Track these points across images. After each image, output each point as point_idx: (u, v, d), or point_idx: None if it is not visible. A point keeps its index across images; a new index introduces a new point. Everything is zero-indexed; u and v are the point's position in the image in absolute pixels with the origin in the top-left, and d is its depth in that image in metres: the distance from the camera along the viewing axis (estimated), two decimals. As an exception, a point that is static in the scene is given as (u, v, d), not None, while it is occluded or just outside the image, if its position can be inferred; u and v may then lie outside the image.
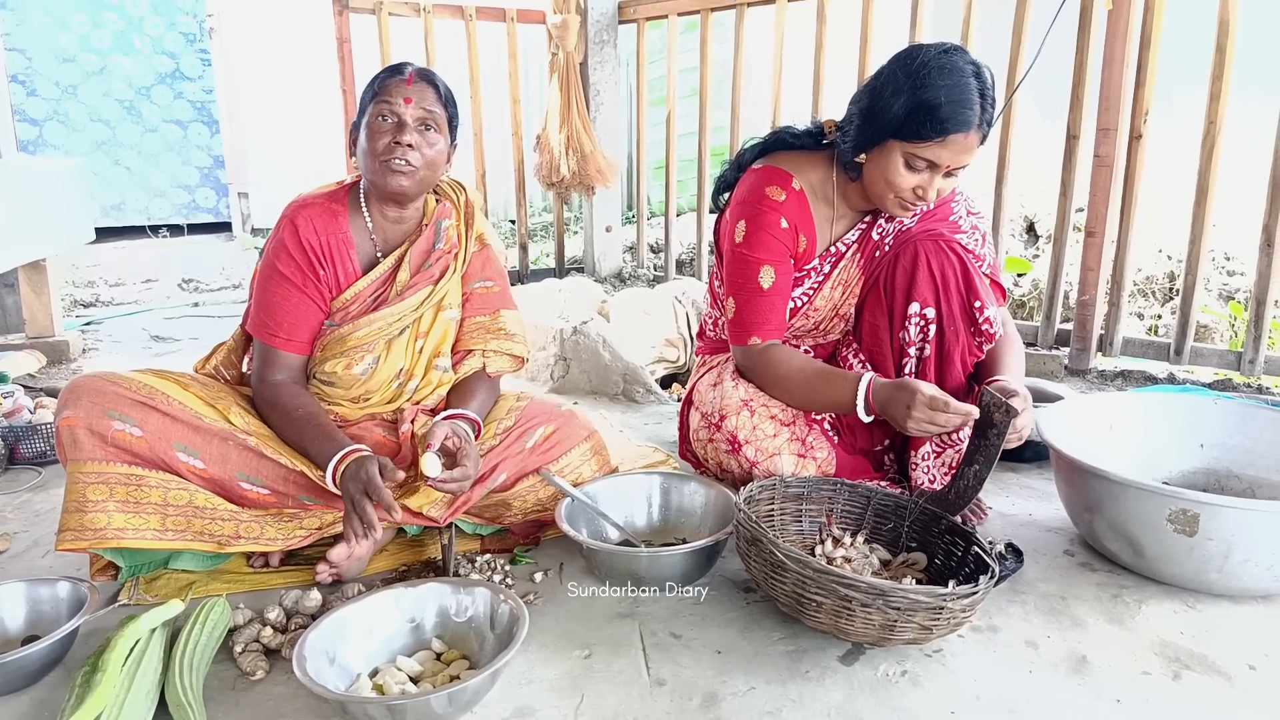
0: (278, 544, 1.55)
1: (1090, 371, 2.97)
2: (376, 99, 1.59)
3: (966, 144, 1.55)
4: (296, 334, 1.67)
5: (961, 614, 1.28)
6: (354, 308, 1.68)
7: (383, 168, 1.60)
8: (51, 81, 7.00)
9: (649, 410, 2.72)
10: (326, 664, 1.25)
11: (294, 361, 1.69)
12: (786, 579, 1.33)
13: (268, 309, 1.67)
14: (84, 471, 1.47)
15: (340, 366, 1.67)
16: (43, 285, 3.33)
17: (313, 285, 1.66)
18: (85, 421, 1.48)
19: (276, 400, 1.63)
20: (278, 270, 1.66)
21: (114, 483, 1.47)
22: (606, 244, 4.66)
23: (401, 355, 1.71)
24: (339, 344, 1.67)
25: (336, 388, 1.70)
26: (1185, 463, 1.87)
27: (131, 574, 1.57)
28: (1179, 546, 1.47)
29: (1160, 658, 1.36)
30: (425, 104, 1.60)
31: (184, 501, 1.50)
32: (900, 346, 1.76)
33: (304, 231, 1.65)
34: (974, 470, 1.56)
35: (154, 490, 1.49)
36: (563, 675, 1.32)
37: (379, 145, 1.59)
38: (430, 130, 1.62)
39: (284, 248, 1.65)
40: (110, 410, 1.49)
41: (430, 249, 1.74)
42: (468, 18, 4.17)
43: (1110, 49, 2.77)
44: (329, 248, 1.66)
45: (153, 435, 1.50)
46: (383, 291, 1.70)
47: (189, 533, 1.50)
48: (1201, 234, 2.72)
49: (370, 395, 1.73)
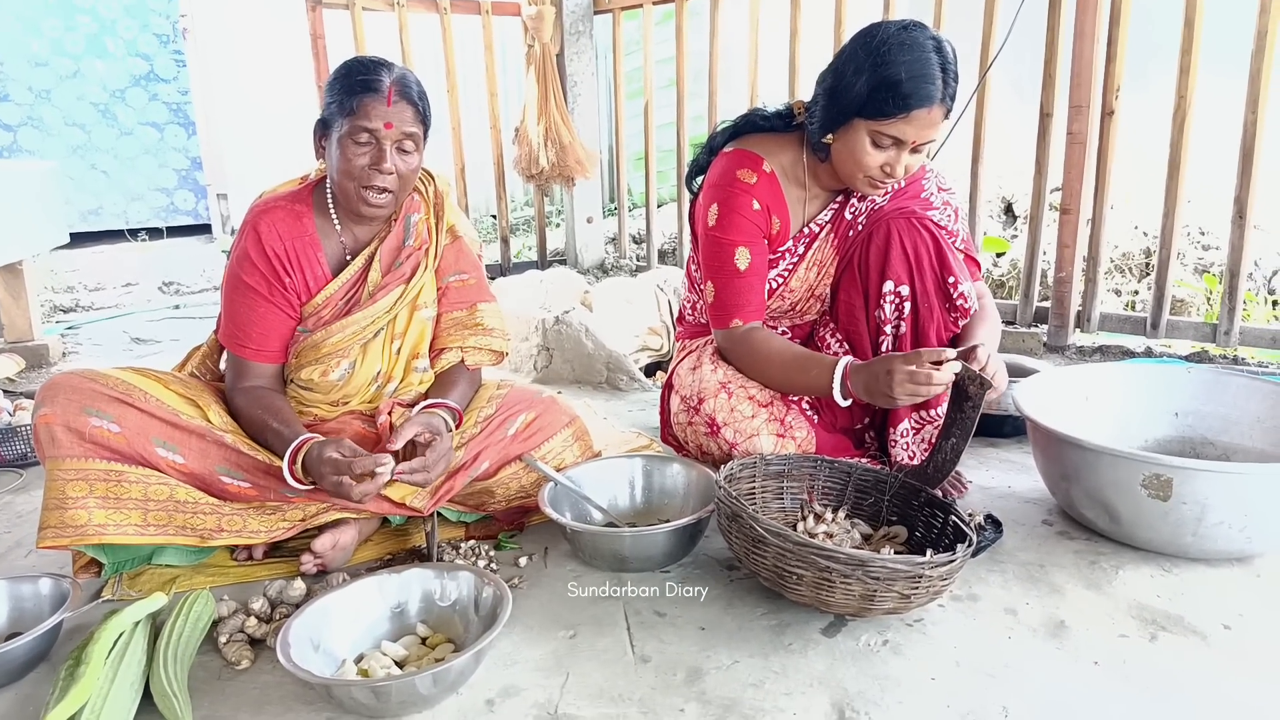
0: (261, 536, 1.54)
1: (1069, 348, 3.00)
2: (353, 117, 1.52)
3: (930, 119, 1.56)
4: (267, 344, 1.65)
5: (940, 582, 1.29)
6: (326, 312, 1.66)
7: (359, 193, 1.57)
8: (24, 86, 6.92)
9: (633, 398, 2.73)
10: (311, 651, 1.25)
11: (266, 370, 1.67)
12: (767, 553, 1.34)
13: (235, 320, 1.64)
14: (63, 469, 1.46)
15: (316, 374, 1.66)
16: (20, 289, 3.31)
17: (279, 294, 1.63)
18: (62, 419, 1.47)
19: (243, 406, 1.62)
20: (242, 280, 1.62)
21: (94, 479, 1.46)
22: (588, 235, 4.66)
23: (378, 358, 1.70)
24: (313, 351, 1.65)
25: (315, 393, 1.70)
26: (1160, 431, 1.89)
27: (115, 570, 1.57)
28: (1154, 511, 1.48)
29: (1137, 620, 1.38)
30: (404, 126, 1.55)
31: (165, 496, 1.50)
32: (876, 325, 1.77)
33: (267, 238, 1.61)
34: (951, 444, 1.57)
35: (134, 485, 1.48)
36: (548, 655, 1.33)
37: (354, 167, 1.55)
38: (408, 152, 1.59)
39: (248, 257, 1.62)
40: (88, 407, 1.48)
41: (400, 245, 1.70)
42: (442, 11, 4.15)
43: (1080, 25, 2.79)
44: (294, 252, 1.63)
45: (131, 431, 1.50)
46: (354, 294, 1.67)
47: (171, 527, 1.49)
48: (1174, 208, 2.74)
49: (349, 399, 1.72)
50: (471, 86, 4.68)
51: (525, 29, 4.20)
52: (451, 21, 4.18)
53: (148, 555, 1.58)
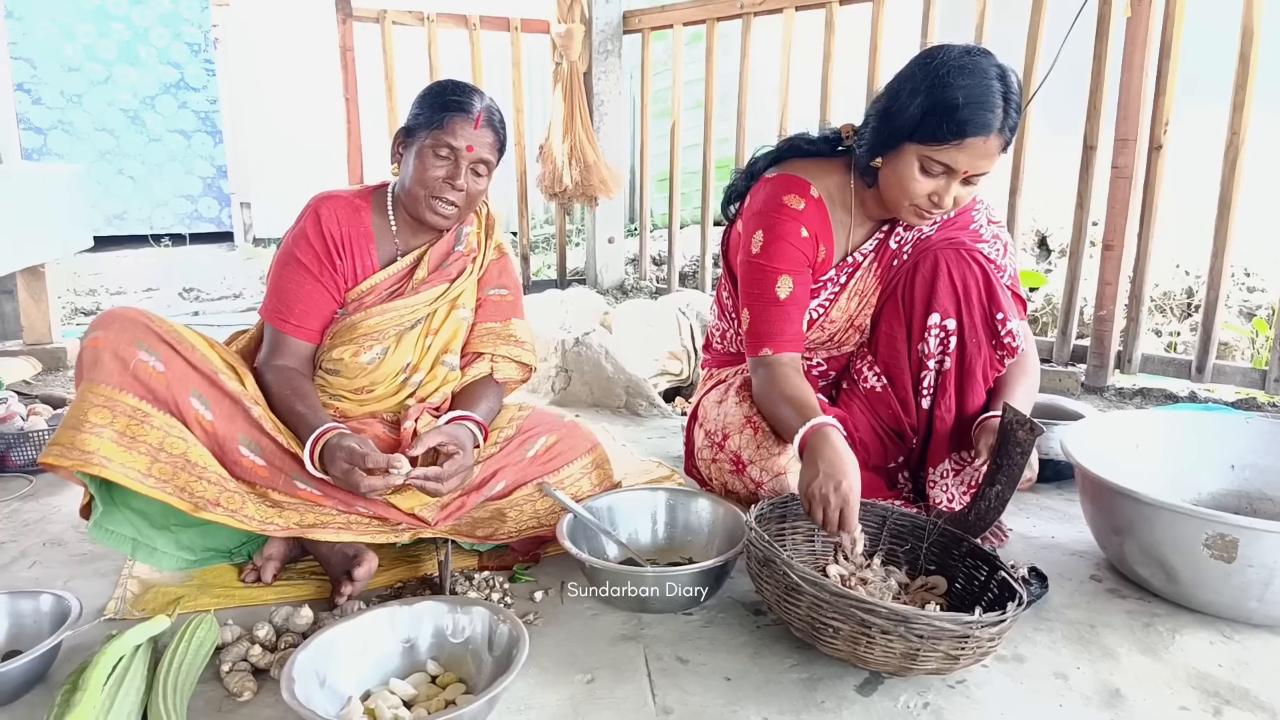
0: (254, 524, 1.49)
1: (1108, 389, 2.90)
2: (439, 131, 1.58)
3: (986, 149, 1.48)
4: (307, 321, 1.67)
5: (988, 643, 1.20)
6: (369, 298, 1.69)
7: (428, 201, 1.62)
8: (56, 90, 7.00)
9: (652, 424, 2.66)
10: (316, 686, 1.18)
11: (301, 349, 1.68)
12: (801, 602, 1.26)
13: (281, 294, 1.67)
14: (95, 392, 1.45)
15: (348, 354, 1.67)
16: (41, 292, 3.30)
17: (329, 274, 1.66)
18: (113, 345, 1.47)
19: (272, 381, 1.62)
20: (295, 257, 1.66)
21: (119, 412, 1.45)
22: (609, 255, 4.61)
23: (410, 349, 1.71)
24: (349, 331, 1.67)
25: (341, 376, 1.69)
26: (1215, 484, 1.80)
27: (101, 533, 1.52)
28: (1216, 573, 1.39)
29: (1198, 691, 1.29)
30: (483, 152, 1.62)
31: (178, 452, 1.47)
32: (919, 359, 1.69)
33: (326, 221, 1.66)
34: (995, 491, 1.49)
35: (154, 431, 1.46)
36: (564, 701, 1.25)
37: (429, 177, 1.60)
38: (480, 175, 1.65)
39: (304, 235, 1.66)
40: (140, 340, 1.49)
41: (450, 250, 1.75)
42: (471, 27, 4.14)
43: (1129, 57, 2.72)
44: (349, 239, 1.67)
45: (173, 375, 1.50)
46: (399, 287, 1.71)
47: (171, 485, 1.45)
48: (1224, 248, 2.65)
49: (374, 387, 1.71)
50: (497, 102, 4.65)
51: (554, 47, 4.18)
52: (480, 37, 4.17)
53: (131, 544, 1.54)
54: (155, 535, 1.57)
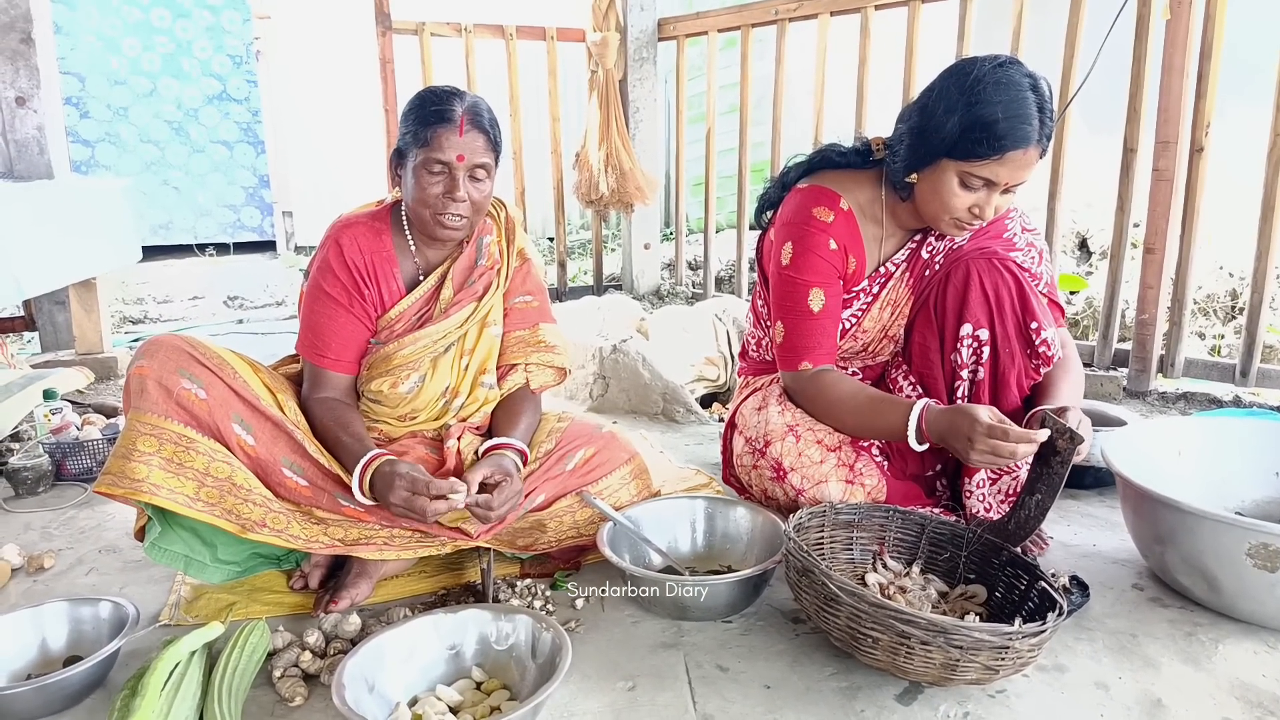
0: (298, 543, 1.53)
1: (1150, 393, 2.86)
2: (427, 148, 1.56)
3: (1025, 160, 1.49)
4: (344, 354, 1.68)
5: (1028, 653, 1.21)
6: (399, 326, 1.69)
7: (434, 220, 1.61)
8: (103, 104, 7.19)
9: (689, 430, 2.67)
10: (365, 692, 1.22)
11: (342, 381, 1.70)
12: (840, 612, 1.27)
13: (315, 330, 1.68)
14: (142, 421, 1.48)
15: (386, 385, 1.68)
16: (92, 303, 3.38)
17: (359, 304, 1.67)
18: (157, 374, 1.51)
19: (318, 415, 1.64)
20: (323, 290, 1.67)
21: (165, 439, 1.48)
22: (645, 261, 4.63)
23: (447, 373, 1.72)
24: (384, 363, 1.68)
25: (383, 405, 1.71)
26: (1260, 492, 1.77)
27: (157, 552, 1.53)
28: (1259, 583, 1.38)
29: (1242, 702, 1.28)
30: (477, 156, 1.59)
31: (224, 475, 1.51)
32: (952, 369, 1.69)
33: (348, 251, 1.67)
34: (1036, 500, 1.49)
35: (200, 457, 1.50)
36: (605, 708, 1.28)
37: (429, 196, 1.59)
38: (480, 180, 1.62)
39: (329, 267, 1.67)
40: (183, 369, 1.52)
41: (472, 266, 1.74)
42: (508, 37, 4.19)
43: (1169, 59, 2.68)
44: (373, 266, 1.68)
45: (215, 401, 1.53)
46: (427, 310, 1.71)
47: (219, 508, 1.49)
48: (1268, 250, 2.60)
49: (417, 413, 1.73)
50: (533, 111, 4.70)
51: (589, 55, 4.22)
52: (517, 47, 4.21)
53: (184, 559, 1.55)
54: (205, 551, 1.58)
